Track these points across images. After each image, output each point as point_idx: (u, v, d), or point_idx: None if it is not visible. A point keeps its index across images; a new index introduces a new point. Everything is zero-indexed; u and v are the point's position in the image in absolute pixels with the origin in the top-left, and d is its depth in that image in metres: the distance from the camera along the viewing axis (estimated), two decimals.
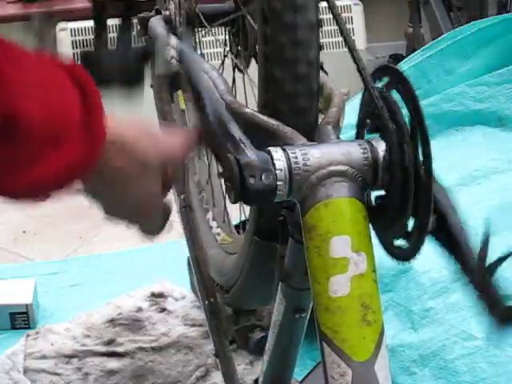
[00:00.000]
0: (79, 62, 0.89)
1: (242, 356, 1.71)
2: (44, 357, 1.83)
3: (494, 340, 1.48)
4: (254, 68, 1.20)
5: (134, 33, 1.57)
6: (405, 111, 0.76)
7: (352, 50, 0.83)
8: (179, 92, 1.62)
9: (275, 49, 0.91)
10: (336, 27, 0.91)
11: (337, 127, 0.88)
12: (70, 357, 1.80)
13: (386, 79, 0.79)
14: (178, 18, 1.41)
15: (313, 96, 0.92)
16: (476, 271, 0.79)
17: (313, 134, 0.89)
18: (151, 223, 0.83)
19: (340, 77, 1.48)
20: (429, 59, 2.17)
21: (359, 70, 0.81)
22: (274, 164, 0.75)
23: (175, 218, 1.61)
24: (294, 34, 0.90)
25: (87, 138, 0.68)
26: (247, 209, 1.24)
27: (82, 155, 0.68)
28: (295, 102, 0.92)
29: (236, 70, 1.39)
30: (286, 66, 0.91)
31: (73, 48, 2.78)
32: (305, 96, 0.92)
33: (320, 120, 0.94)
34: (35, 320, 1.97)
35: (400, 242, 0.79)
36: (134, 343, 1.79)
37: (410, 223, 0.77)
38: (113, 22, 2.92)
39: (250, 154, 0.76)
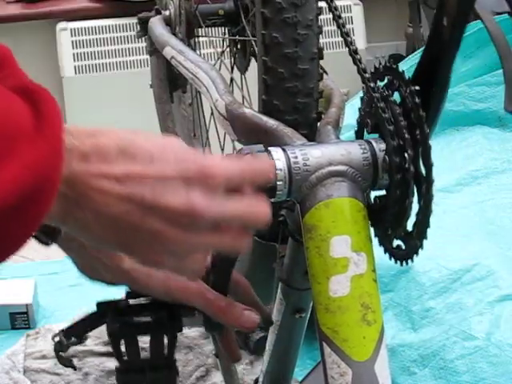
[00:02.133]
0: None
1: (242, 356, 1.71)
2: (44, 357, 1.83)
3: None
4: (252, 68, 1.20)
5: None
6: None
7: (351, 49, 0.83)
8: None
9: (274, 11, 0.90)
10: (336, 27, 0.91)
11: (336, 127, 0.88)
12: (70, 357, 1.80)
13: (386, 80, 0.79)
14: (177, 18, 1.41)
15: (313, 60, 0.92)
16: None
17: (313, 130, 0.89)
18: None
19: (340, 77, 1.48)
20: None
21: (359, 71, 0.81)
22: (273, 164, 0.75)
23: None
24: None
25: (42, 136, 0.58)
26: None
27: (39, 152, 0.57)
28: (295, 65, 0.91)
29: (235, 69, 1.39)
30: (285, 29, 0.90)
31: (73, 48, 2.79)
32: (305, 60, 0.92)
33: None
34: (35, 320, 1.97)
35: (399, 243, 0.79)
36: None
37: (410, 223, 0.77)
38: (112, 22, 2.92)
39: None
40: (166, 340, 0.88)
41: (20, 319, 1.96)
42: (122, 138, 0.62)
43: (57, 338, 0.89)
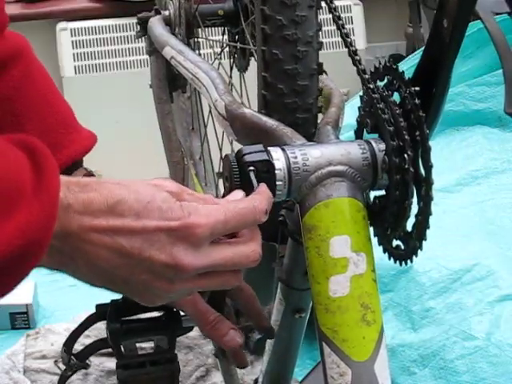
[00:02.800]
0: None
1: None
2: (44, 357, 1.83)
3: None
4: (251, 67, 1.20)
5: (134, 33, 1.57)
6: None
7: (351, 49, 0.83)
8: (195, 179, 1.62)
9: (274, 27, 0.90)
10: (336, 28, 0.91)
11: (336, 127, 0.88)
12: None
13: (386, 80, 0.79)
14: (177, 19, 1.41)
15: (312, 76, 0.92)
16: None
17: (313, 132, 0.89)
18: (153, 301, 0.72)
19: (340, 77, 1.47)
20: None
21: (359, 72, 0.81)
22: (273, 164, 0.75)
23: None
24: (293, 13, 0.90)
25: (38, 199, 0.61)
26: None
27: (32, 216, 0.60)
28: (295, 81, 0.92)
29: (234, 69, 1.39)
30: (285, 45, 0.91)
31: (73, 48, 2.79)
32: (304, 76, 0.92)
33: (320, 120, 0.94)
34: (35, 320, 1.97)
35: (399, 243, 0.79)
36: None
37: (409, 224, 0.77)
38: (112, 22, 2.92)
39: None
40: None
41: (20, 319, 1.96)
42: (111, 195, 0.66)
43: (60, 360, 0.90)
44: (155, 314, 0.88)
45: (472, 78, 2.19)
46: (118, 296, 0.87)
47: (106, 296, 0.90)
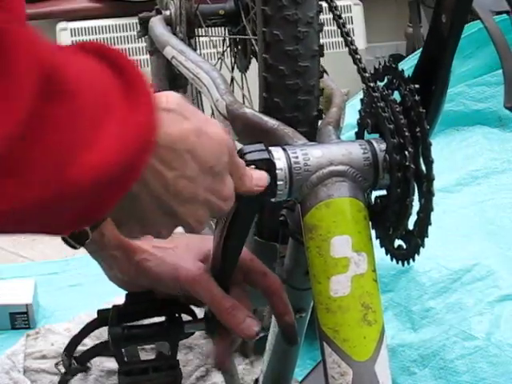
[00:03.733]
0: None
1: (243, 356, 1.72)
2: (44, 357, 1.82)
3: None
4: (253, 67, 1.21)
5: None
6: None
7: (351, 48, 0.83)
8: None
9: (274, 8, 0.90)
10: (336, 27, 0.91)
11: (337, 127, 0.88)
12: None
13: (386, 79, 0.80)
14: (178, 18, 1.42)
15: (313, 58, 0.92)
16: None
17: (314, 128, 0.89)
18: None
19: (340, 77, 1.48)
20: None
21: (359, 70, 0.81)
22: (274, 163, 0.75)
23: None
24: None
25: (137, 105, 0.55)
26: None
27: (129, 127, 0.54)
28: (296, 62, 0.91)
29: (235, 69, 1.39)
30: (285, 26, 0.90)
31: None
32: (306, 57, 0.91)
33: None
34: (35, 320, 1.97)
35: (400, 242, 0.79)
36: None
37: (410, 222, 0.77)
38: (112, 22, 2.91)
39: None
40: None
41: (20, 319, 1.96)
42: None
43: (61, 363, 0.90)
44: (157, 319, 0.88)
45: (472, 78, 2.19)
46: (117, 299, 0.87)
47: (106, 296, 0.90)
